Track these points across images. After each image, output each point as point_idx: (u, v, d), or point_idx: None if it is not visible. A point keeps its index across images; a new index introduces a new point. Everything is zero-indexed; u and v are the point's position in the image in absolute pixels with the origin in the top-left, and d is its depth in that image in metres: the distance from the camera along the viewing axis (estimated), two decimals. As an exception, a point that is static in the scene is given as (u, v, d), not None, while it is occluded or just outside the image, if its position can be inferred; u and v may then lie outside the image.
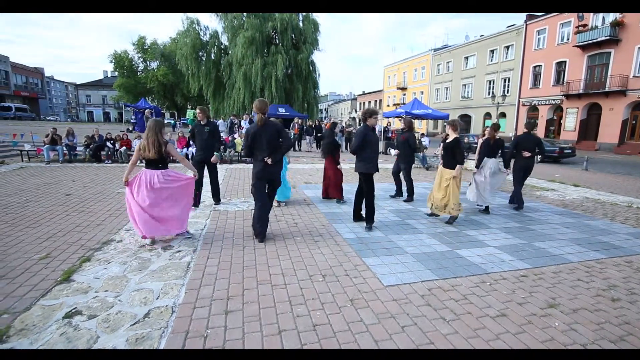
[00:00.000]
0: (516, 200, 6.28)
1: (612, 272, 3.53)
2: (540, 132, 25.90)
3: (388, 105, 47.20)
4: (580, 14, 23.20)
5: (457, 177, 4.96)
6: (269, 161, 3.89)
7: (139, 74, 43.11)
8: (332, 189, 6.29)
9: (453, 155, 4.96)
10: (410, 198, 6.51)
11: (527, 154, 6.11)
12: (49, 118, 49.30)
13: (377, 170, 4.63)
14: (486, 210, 5.92)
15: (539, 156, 6.47)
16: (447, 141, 5.04)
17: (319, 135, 16.98)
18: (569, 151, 15.87)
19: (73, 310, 2.50)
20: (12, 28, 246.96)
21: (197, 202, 5.35)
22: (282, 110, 21.67)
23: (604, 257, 3.95)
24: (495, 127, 6.04)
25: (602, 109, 22.96)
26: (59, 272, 3.11)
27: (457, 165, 4.92)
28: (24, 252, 3.54)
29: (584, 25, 23.07)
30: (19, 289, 2.78)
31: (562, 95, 24.83)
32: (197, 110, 5.57)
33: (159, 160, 3.82)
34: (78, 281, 2.95)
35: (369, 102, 56.66)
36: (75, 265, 3.25)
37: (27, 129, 16.98)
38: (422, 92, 41.15)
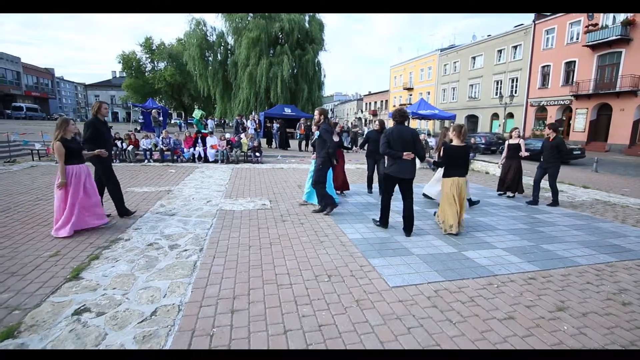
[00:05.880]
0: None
1: (622, 276, 3.47)
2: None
3: (394, 106, 46.93)
4: (590, 13, 22.88)
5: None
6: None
7: (146, 74, 43.60)
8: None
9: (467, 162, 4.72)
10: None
11: (525, 153, 6.73)
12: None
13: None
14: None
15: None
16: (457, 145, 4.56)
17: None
18: (578, 152, 15.65)
19: (82, 307, 2.54)
20: (26, 30, 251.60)
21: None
22: (288, 111, 21.69)
23: (615, 260, 3.88)
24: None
25: (612, 109, 22.60)
26: (68, 269, 3.16)
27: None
28: (34, 249, 3.60)
29: (594, 25, 22.73)
30: (29, 286, 2.83)
31: (571, 96, 24.49)
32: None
33: None
34: (87, 279, 3.00)
35: (375, 102, 56.50)
36: (84, 263, 3.30)
37: (38, 128, 17.27)
38: (428, 93, 40.90)
